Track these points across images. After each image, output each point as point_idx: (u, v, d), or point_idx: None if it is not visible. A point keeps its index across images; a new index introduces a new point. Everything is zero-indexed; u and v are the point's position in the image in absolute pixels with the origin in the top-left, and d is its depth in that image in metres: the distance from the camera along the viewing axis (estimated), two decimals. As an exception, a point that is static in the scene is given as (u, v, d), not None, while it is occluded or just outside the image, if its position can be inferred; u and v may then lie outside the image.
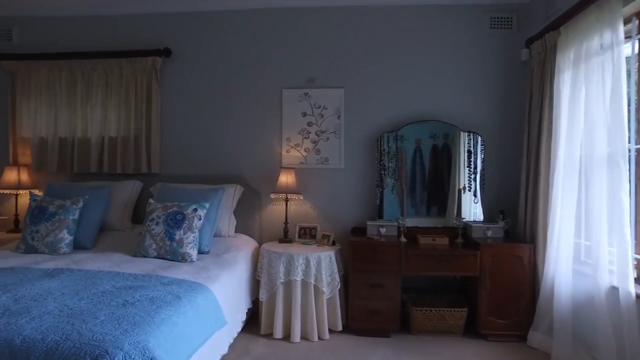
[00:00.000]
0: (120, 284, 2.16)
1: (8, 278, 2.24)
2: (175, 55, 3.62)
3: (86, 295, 1.95)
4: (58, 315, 1.69)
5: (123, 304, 1.85)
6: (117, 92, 3.62)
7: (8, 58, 3.68)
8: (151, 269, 2.51)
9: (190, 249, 2.79)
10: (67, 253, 2.95)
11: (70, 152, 3.67)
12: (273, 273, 2.97)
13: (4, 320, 1.64)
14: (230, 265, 2.78)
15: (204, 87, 3.62)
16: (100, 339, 1.48)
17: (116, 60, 3.58)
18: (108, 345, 1.44)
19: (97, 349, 1.42)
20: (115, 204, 3.40)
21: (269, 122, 3.56)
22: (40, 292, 1.98)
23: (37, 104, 3.70)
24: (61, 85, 3.67)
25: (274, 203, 3.55)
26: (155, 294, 1.99)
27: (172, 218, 2.88)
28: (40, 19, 3.78)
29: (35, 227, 2.99)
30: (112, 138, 3.64)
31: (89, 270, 2.41)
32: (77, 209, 3.08)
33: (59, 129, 3.68)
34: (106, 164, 3.62)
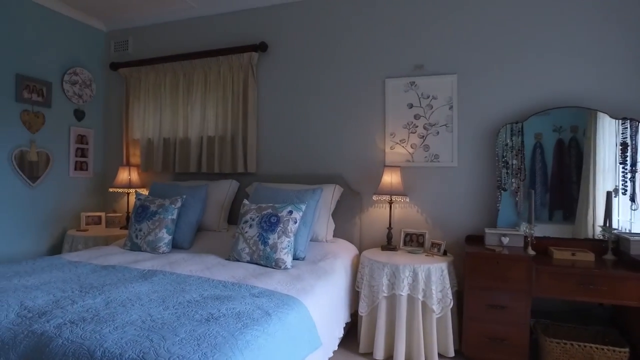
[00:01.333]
0: (208, 293, 1.99)
1: (108, 277, 2.23)
2: (271, 49, 3.47)
3: (172, 304, 1.81)
4: (139, 327, 1.54)
5: (207, 318, 1.65)
6: (215, 91, 3.58)
7: (123, 66, 3.88)
8: (242, 276, 2.33)
9: (285, 255, 2.57)
10: (166, 252, 2.94)
11: (172, 152, 3.74)
12: (375, 285, 2.62)
13: (91, 327, 1.54)
14: (326, 274, 2.49)
15: (301, 80, 3.40)
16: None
17: (214, 59, 3.54)
18: (184, 374, 1.22)
19: (172, 376, 1.21)
20: (212, 204, 3.35)
21: (371, 116, 3.22)
22: (130, 297, 1.89)
23: (146, 107, 3.83)
24: (165, 87, 3.75)
25: (377, 205, 3.19)
26: (243, 308, 1.77)
27: (266, 221, 2.68)
28: (150, 27, 3.92)
29: (138, 225, 3.04)
30: (210, 137, 3.61)
31: (180, 275, 2.30)
32: (175, 208, 3.07)
33: (164, 130, 3.77)
34: (204, 163, 3.60)
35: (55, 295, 1.90)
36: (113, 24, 4.01)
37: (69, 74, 3.73)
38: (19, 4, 3.36)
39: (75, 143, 3.82)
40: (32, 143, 3.47)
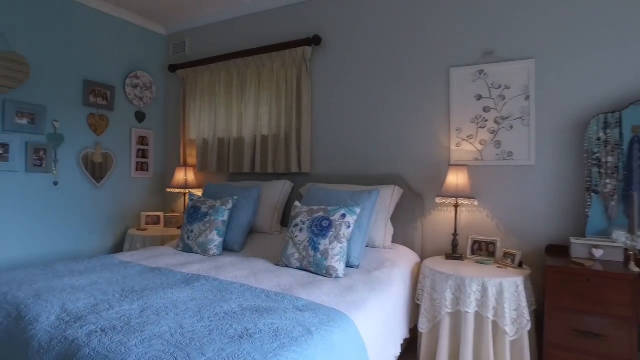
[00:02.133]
0: (249, 304, 1.83)
1: (151, 281, 2.16)
2: (325, 42, 3.28)
3: (207, 315, 1.67)
4: (167, 341, 1.41)
5: (241, 334, 1.48)
6: (269, 89, 3.47)
7: (181, 67, 3.91)
8: (288, 285, 2.15)
9: (337, 262, 2.35)
10: (216, 255, 2.86)
11: (227, 152, 3.69)
12: (437, 299, 2.32)
13: (119, 338, 1.44)
14: (382, 285, 2.24)
15: (357, 74, 3.17)
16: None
17: (267, 56, 3.43)
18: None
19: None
20: (264, 206, 3.23)
21: (434, 110, 2.90)
22: (167, 304, 1.79)
23: (201, 107, 3.83)
24: (220, 87, 3.71)
25: (440, 209, 2.87)
26: (282, 324, 1.58)
27: (318, 224, 2.49)
28: (205, 27, 3.92)
29: (190, 226, 2.99)
30: (263, 137, 3.51)
31: (223, 281, 2.17)
32: (226, 210, 2.98)
33: (218, 130, 3.73)
34: (258, 163, 3.50)
35: (96, 299, 1.85)
36: (172, 27, 4.07)
37: (130, 78, 3.82)
38: (86, 14, 3.49)
39: (136, 144, 3.92)
40: (97, 145, 3.59)
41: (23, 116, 3.09)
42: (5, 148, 3.01)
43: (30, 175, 3.16)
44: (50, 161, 3.27)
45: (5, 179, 3.02)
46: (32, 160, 3.16)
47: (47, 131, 3.24)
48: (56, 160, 3.30)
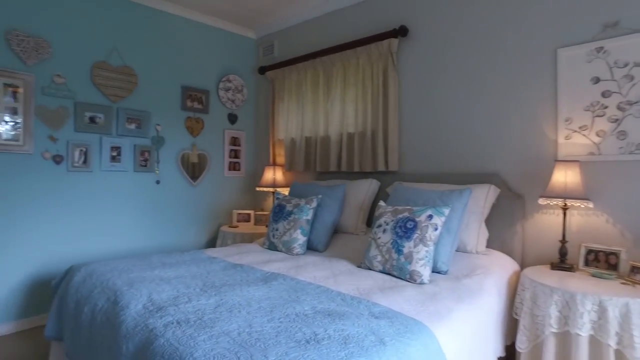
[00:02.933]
0: (322, 306, 1.74)
1: (231, 277, 2.20)
2: (412, 32, 3.08)
3: (278, 316, 1.62)
4: (233, 339, 1.39)
5: (308, 339, 1.40)
6: (354, 85, 3.37)
7: (269, 69, 4.01)
8: (367, 289, 2.02)
9: (421, 267, 2.16)
10: (300, 254, 2.84)
11: (313, 151, 3.67)
12: (539, 315, 2.01)
13: (190, 332, 1.46)
14: (472, 294, 2.00)
15: (447, 64, 2.92)
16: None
17: (352, 51, 3.33)
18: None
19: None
20: (350, 205, 3.14)
21: (536, 99, 2.54)
22: (241, 301, 1.78)
23: (289, 107, 3.88)
24: (307, 86, 3.72)
25: (545, 211, 2.51)
26: (354, 331, 1.47)
27: (402, 226, 2.32)
28: (291, 28, 3.96)
29: (275, 224, 3.02)
30: (349, 134, 3.42)
31: (301, 281, 2.12)
32: (310, 209, 2.95)
33: (305, 129, 3.74)
34: (344, 161, 3.42)
35: (178, 291, 1.92)
36: (261, 30, 4.20)
37: (223, 82, 4.02)
38: (185, 25, 3.75)
39: (229, 145, 4.11)
40: (194, 146, 3.83)
41: (132, 122, 3.41)
42: (118, 150, 3.35)
43: (137, 174, 3.48)
44: (153, 162, 3.56)
45: (117, 178, 3.36)
46: (139, 161, 3.47)
47: (151, 134, 3.54)
48: (158, 161, 3.59)
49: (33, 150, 2.94)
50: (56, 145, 3.04)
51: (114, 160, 3.33)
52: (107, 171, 3.30)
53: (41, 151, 2.98)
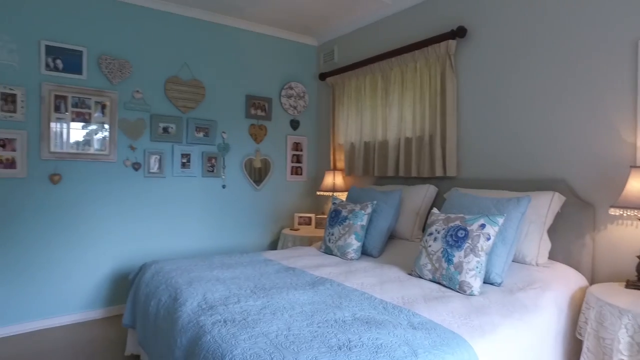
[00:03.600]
0: (362, 313, 1.76)
1: (282, 280, 2.29)
2: (471, 33, 2.96)
3: (317, 320, 1.67)
4: (271, 341, 1.47)
5: (340, 345, 1.44)
6: (412, 89, 3.32)
7: (330, 75, 4.09)
8: (412, 298, 2.00)
9: (471, 278, 2.09)
10: (354, 259, 2.87)
11: (372, 155, 3.68)
12: (607, 339, 1.84)
13: (234, 330, 1.57)
14: (525, 310, 1.89)
15: (509, 64, 2.76)
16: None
17: (410, 55, 3.28)
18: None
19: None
20: (406, 211, 3.10)
21: (611, 96, 2.32)
22: (286, 305, 1.86)
23: (349, 111, 3.92)
24: (365, 90, 3.73)
25: (620, 222, 2.28)
26: (387, 341, 1.47)
27: (453, 234, 2.26)
28: (350, 34, 4.00)
29: (331, 229, 3.08)
30: (407, 139, 3.37)
31: (346, 287, 2.15)
32: (365, 214, 2.97)
33: (364, 134, 3.75)
34: (402, 166, 3.39)
35: (230, 292, 2.06)
36: (322, 37, 4.29)
37: (285, 89, 4.17)
38: (248, 37, 3.96)
39: (291, 150, 4.25)
40: (257, 152, 4.03)
41: (200, 130, 3.69)
42: (188, 157, 3.63)
43: (204, 179, 3.74)
44: (220, 167, 3.81)
45: (187, 183, 3.66)
46: (206, 166, 3.74)
47: (217, 142, 3.79)
48: (224, 166, 3.83)
49: (116, 158, 3.30)
50: (135, 154, 3.39)
51: (184, 167, 3.62)
52: (178, 176, 3.60)
53: (123, 159, 3.34)
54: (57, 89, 3.04)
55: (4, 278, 2.92)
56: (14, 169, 2.91)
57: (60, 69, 3.06)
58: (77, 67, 3.12)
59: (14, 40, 2.92)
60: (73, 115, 3.11)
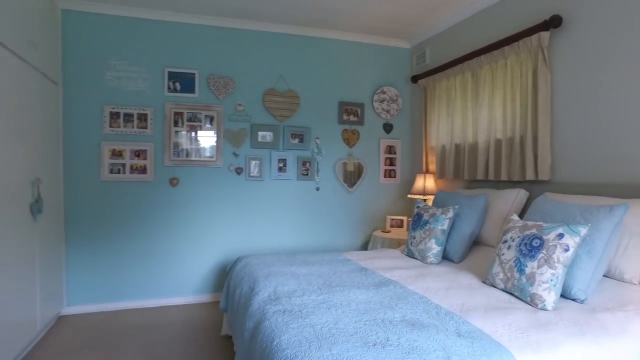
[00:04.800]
0: (412, 316, 1.79)
1: (350, 279, 2.41)
2: (566, 22, 2.68)
3: (366, 318, 1.76)
4: (315, 331, 1.62)
5: (375, 343, 1.51)
6: (502, 87, 3.13)
7: (422, 77, 4.05)
8: (472, 306, 1.95)
9: (544, 291, 1.94)
10: (433, 263, 2.84)
11: (462, 158, 3.55)
12: None
13: (288, 319, 1.76)
14: (602, 332, 1.69)
15: (615, 53, 2.43)
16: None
17: (499, 51, 3.10)
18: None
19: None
20: (493, 216, 2.95)
21: None
22: (343, 302, 1.98)
23: (440, 113, 3.84)
24: (455, 90, 3.62)
25: None
26: (424, 344, 1.50)
27: (527, 243, 2.12)
28: (442, 34, 3.90)
29: (413, 232, 3.09)
30: (497, 140, 3.19)
31: (408, 290, 2.17)
32: (446, 219, 2.91)
33: (455, 136, 3.64)
34: (492, 169, 3.21)
35: (299, 286, 2.25)
36: (414, 39, 4.25)
37: (377, 94, 4.26)
38: (340, 46, 4.14)
39: (384, 153, 4.31)
40: (350, 156, 4.19)
41: (295, 137, 4.00)
42: (284, 162, 3.97)
43: (299, 182, 4.04)
44: (314, 171, 4.07)
45: (283, 186, 4.00)
46: (301, 170, 4.03)
47: (311, 147, 4.06)
48: (318, 170, 4.08)
49: (222, 164, 3.79)
50: (237, 160, 3.84)
51: (281, 171, 3.97)
52: (275, 180, 3.96)
53: (227, 164, 3.82)
54: (175, 107, 3.64)
55: (139, 262, 3.61)
56: (145, 174, 3.58)
57: (178, 90, 3.65)
58: (191, 87, 3.68)
59: (147, 71, 3.58)
60: (188, 128, 3.67)
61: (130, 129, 3.53)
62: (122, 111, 3.51)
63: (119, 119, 3.50)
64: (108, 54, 3.49)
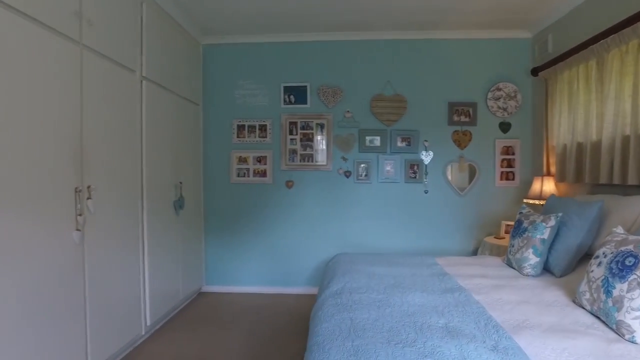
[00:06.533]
0: (455, 324, 1.76)
1: (423, 283, 2.41)
2: None
3: (408, 320, 1.81)
4: (350, 324, 1.77)
5: (399, 342, 1.58)
6: (632, 73, 2.65)
7: (542, 69, 3.64)
8: (534, 324, 1.79)
9: (634, 320, 1.67)
10: (531, 275, 2.61)
11: (584, 159, 3.10)
12: None
13: (334, 311, 1.94)
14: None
15: None
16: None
17: (631, 29, 2.61)
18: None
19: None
20: (612, 227, 2.54)
21: None
22: (398, 302, 2.04)
23: (561, 108, 3.41)
24: (578, 82, 3.17)
25: None
26: (447, 350, 1.51)
27: (620, 261, 1.84)
28: (566, 17, 3.43)
29: (513, 240, 2.87)
30: (624, 137, 2.71)
31: (471, 299, 2.09)
32: (546, 227, 2.64)
33: (577, 133, 3.20)
34: (617, 172, 2.74)
35: (368, 285, 2.36)
36: (535, 27, 3.83)
37: (492, 91, 3.98)
38: (448, 46, 4.02)
39: (500, 154, 4.01)
40: (461, 158, 4.03)
41: (402, 140, 4.05)
42: (391, 165, 4.07)
43: (407, 185, 4.08)
44: (422, 174, 4.05)
45: (391, 188, 4.09)
46: (409, 173, 4.06)
47: (419, 150, 4.05)
48: (426, 173, 4.05)
49: (332, 167, 4.10)
50: (346, 164, 4.10)
51: (388, 173, 4.07)
52: (382, 182, 4.08)
53: (337, 168, 4.11)
54: (290, 117, 4.09)
55: (260, 254, 4.18)
56: (265, 177, 4.13)
57: (293, 102, 4.09)
58: (303, 98, 4.08)
59: (267, 87, 4.13)
60: (301, 135, 4.09)
61: (253, 138, 4.12)
62: (247, 124, 4.13)
63: (244, 131, 4.13)
64: (237, 76, 4.15)
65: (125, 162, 2.71)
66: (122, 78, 2.68)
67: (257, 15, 3.61)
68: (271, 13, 3.57)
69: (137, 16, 2.86)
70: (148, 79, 2.99)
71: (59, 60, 2.08)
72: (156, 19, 3.12)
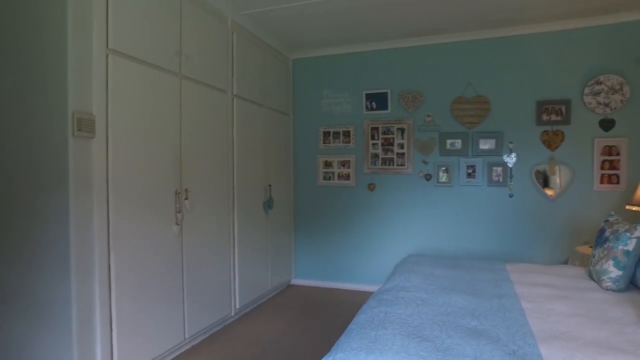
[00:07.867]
0: (486, 328, 1.82)
1: (478, 288, 2.43)
2: None
3: (440, 320, 1.91)
4: (382, 318, 1.94)
5: (422, 338, 1.71)
6: None
7: (651, 56, 3.24)
8: (573, 337, 1.74)
9: (684, 338, 1.55)
10: (611, 289, 2.42)
11: (692, 161, 2.70)
12: None
13: (374, 304, 2.14)
14: None
15: None
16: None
17: None
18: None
19: None
20: None
21: None
22: (439, 302, 2.15)
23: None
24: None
25: None
26: (462, 350, 1.60)
27: (683, 275, 1.69)
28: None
29: (594, 250, 2.68)
30: None
31: (516, 306, 2.08)
32: (631, 237, 2.43)
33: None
34: None
35: (420, 285, 2.48)
36: (643, 12, 3.39)
37: (589, 86, 3.63)
38: (535, 40, 3.78)
39: (600, 155, 3.63)
40: (551, 160, 3.76)
41: (485, 143, 3.94)
42: (473, 168, 3.99)
43: (490, 188, 3.95)
44: (506, 177, 3.89)
45: (472, 191, 4.01)
46: (492, 176, 3.94)
47: (503, 152, 3.90)
48: (511, 176, 3.88)
49: (412, 171, 4.18)
50: (427, 167, 4.14)
51: (470, 177, 4.00)
52: (464, 185, 4.02)
53: (417, 171, 4.17)
54: (372, 123, 4.29)
55: (344, 252, 4.46)
56: (349, 180, 4.39)
57: (374, 108, 4.28)
58: (384, 104, 4.24)
59: (349, 95, 4.39)
60: (382, 140, 4.26)
61: (337, 144, 4.42)
62: (332, 130, 4.44)
63: (329, 137, 4.45)
64: (322, 87, 4.49)
65: (217, 168, 3.24)
66: (215, 97, 3.20)
67: (339, 28, 3.89)
68: (351, 25, 3.80)
69: (228, 45, 3.37)
70: (238, 96, 3.50)
71: (164, 89, 2.65)
72: (246, 44, 3.62)
